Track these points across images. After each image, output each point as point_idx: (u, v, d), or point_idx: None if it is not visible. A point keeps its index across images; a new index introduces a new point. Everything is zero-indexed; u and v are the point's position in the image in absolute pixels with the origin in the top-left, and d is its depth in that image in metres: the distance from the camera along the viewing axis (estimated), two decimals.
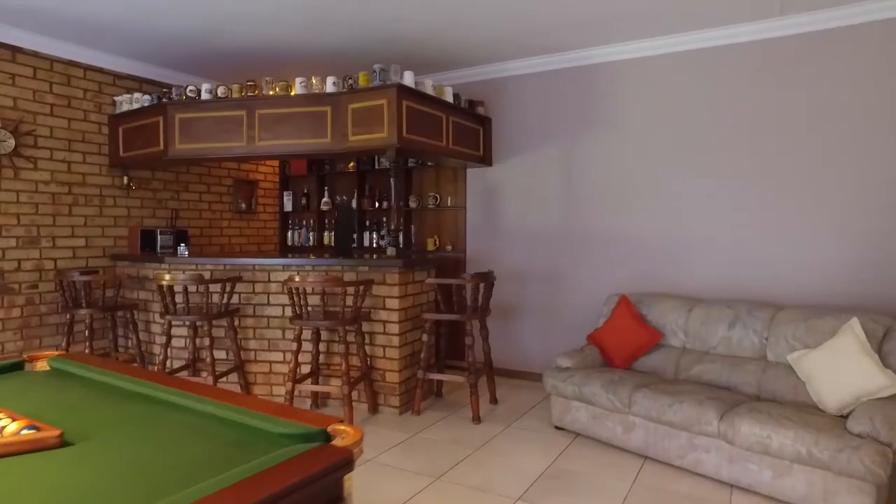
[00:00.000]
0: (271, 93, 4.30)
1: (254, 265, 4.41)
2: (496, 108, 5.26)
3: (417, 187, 5.82)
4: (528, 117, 5.10)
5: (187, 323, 4.22)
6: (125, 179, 5.02)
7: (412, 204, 5.74)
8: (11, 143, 4.32)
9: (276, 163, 6.66)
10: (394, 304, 4.11)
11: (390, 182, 4.70)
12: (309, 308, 4.01)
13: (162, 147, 4.50)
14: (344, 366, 3.75)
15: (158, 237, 5.09)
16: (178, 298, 4.22)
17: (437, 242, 5.64)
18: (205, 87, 4.39)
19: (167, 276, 3.93)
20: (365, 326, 4.19)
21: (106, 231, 4.95)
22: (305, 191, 6.57)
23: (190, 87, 4.42)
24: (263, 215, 6.58)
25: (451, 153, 4.66)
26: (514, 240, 5.19)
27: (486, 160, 5.22)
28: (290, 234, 6.72)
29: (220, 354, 4.43)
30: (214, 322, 4.28)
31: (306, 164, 6.45)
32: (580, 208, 4.86)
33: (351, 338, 4.14)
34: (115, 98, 4.88)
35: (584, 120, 4.82)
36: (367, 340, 4.19)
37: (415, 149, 4.24)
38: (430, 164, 5.59)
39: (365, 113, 4.09)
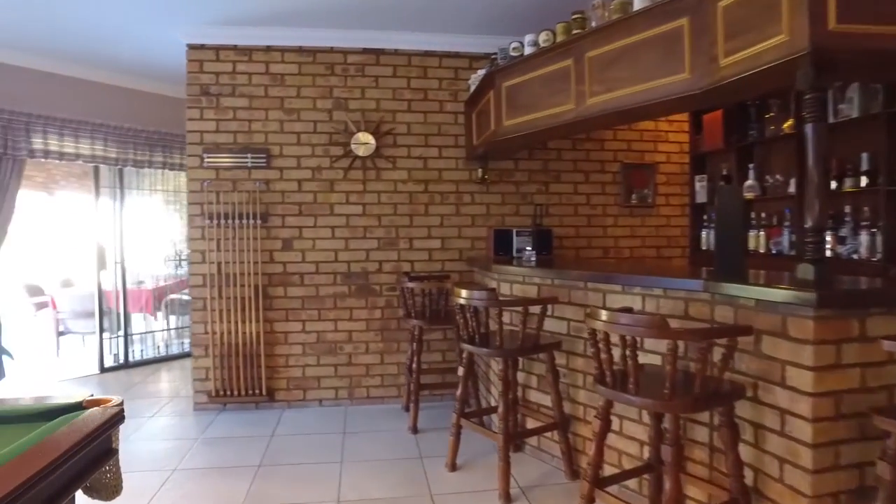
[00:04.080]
0: (605, 16, 2.81)
1: (585, 283, 3.04)
2: None
3: None
4: None
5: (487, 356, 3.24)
6: (480, 172, 4.41)
7: None
8: (373, 144, 4.28)
9: (683, 138, 4.93)
10: (804, 379, 2.01)
11: (860, 144, 2.42)
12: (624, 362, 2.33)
13: (493, 126, 3.64)
14: (670, 490, 1.99)
15: (514, 239, 4.28)
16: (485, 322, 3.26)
17: None
18: (527, 38, 3.26)
19: (463, 293, 3.03)
20: (745, 411, 2.24)
21: (462, 231, 4.47)
22: (725, 172, 4.60)
23: (513, 44, 3.38)
24: (666, 209, 4.96)
25: None
26: None
27: None
28: (703, 233, 4.89)
29: (545, 400, 3.27)
30: (531, 357, 3.16)
31: (721, 132, 4.48)
32: None
33: (702, 425, 2.29)
34: (468, 81, 4.31)
35: None
36: (746, 436, 2.24)
37: (863, 52, 1.98)
38: None
39: (746, 7, 2.14)
